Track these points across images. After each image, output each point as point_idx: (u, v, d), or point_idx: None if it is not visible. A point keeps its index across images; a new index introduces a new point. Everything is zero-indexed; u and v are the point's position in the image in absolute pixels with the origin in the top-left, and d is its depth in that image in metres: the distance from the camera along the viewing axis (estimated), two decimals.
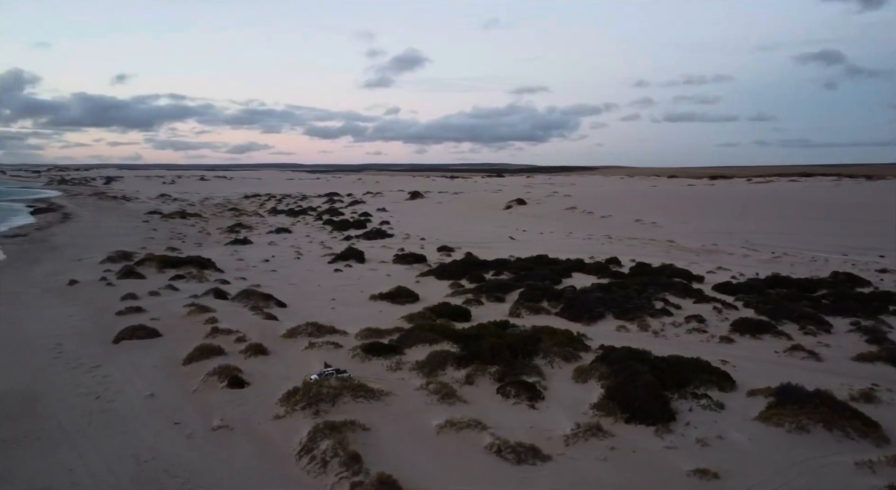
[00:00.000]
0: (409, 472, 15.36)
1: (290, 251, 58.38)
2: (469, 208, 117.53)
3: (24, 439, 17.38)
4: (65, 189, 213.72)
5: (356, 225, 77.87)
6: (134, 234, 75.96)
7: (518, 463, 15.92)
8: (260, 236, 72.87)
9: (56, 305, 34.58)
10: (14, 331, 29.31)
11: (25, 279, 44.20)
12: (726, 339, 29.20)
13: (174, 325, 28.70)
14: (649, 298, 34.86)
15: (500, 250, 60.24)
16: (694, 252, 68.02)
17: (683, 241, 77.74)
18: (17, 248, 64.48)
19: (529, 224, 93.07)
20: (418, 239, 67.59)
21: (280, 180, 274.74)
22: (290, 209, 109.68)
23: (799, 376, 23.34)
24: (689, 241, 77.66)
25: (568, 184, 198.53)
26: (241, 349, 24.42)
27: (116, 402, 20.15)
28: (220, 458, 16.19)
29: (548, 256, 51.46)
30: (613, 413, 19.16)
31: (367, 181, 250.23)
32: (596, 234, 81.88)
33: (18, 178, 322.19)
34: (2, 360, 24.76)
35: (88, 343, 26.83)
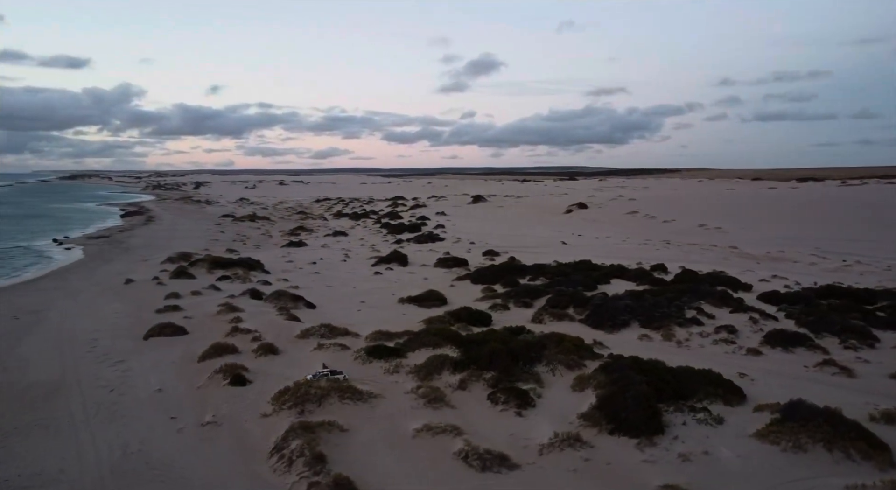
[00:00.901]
0: (372, 474, 15.64)
1: (340, 254, 59.89)
2: (529, 212, 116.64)
3: (34, 427, 18.82)
4: (158, 194, 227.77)
5: (410, 228, 78.91)
6: (203, 237, 79.89)
7: (482, 470, 15.89)
8: (316, 239, 75.10)
9: (107, 302, 37.02)
10: (64, 325, 31.65)
11: (90, 278, 47.49)
12: (754, 351, 27.88)
13: (202, 324, 30.17)
14: (681, 307, 33.69)
15: (548, 255, 59.58)
16: (755, 259, 64.96)
17: (747, 247, 74.37)
18: (96, 249, 69.27)
19: (587, 228, 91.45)
20: (468, 243, 67.78)
21: (354, 184, 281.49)
22: (353, 212, 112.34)
23: (822, 392, 22.20)
24: (754, 247, 74.22)
25: (641, 187, 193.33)
26: (254, 348, 25.41)
27: (127, 396, 21.45)
28: (200, 453, 16.99)
29: (591, 262, 50.49)
30: (599, 424, 18.78)
31: (436, 185, 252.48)
32: (654, 239, 79.57)
33: (122, 184, 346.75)
34: (45, 352, 26.84)
35: (122, 339, 28.62)
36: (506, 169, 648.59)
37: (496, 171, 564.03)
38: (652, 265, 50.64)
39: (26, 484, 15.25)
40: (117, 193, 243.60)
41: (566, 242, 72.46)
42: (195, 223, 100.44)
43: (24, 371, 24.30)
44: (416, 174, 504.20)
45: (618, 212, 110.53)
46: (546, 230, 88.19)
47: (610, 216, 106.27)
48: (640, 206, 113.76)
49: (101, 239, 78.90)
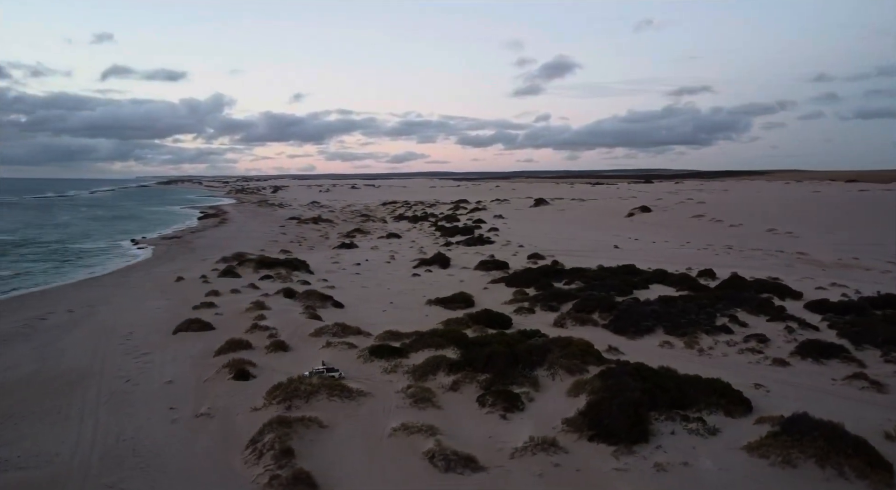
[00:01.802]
0: (336, 470, 15.99)
1: (386, 255, 60.88)
2: (589, 215, 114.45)
3: (49, 412, 20.28)
4: (238, 197, 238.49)
5: (463, 231, 79.16)
6: (265, 238, 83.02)
7: (445, 471, 15.93)
8: (370, 241, 76.59)
9: (154, 298, 39.21)
10: (109, 319, 33.79)
11: (148, 275, 50.38)
12: (780, 361, 26.48)
13: (229, 320, 31.50)
14: (713, 314, 32.40)
15: (595, 259, 58.36)
16: (822, 266, 61.26)
17: (818, 253, 70.17)
18: (165, 249, 73.35)
19: (646, 232, 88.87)
20: (516, 246, 67.34)
21: (423, 188, 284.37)
22: (413, 215, 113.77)
23: (842, 407, 21.00)
24: (825, 253, 69.92)
25: (719, 190, 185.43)
26: (267, 345, 26.35)
27: (140, 386, 22.75)
28: (186, 443, 17.84)
29: (634, 266, 49.14)
30: (581, 429, 18.41)
31: (504, 188, 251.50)
32: (716, 245, 76.39)
33: (211, 188, 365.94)
34: (83, 344, 28.79)
35: (155, 333, 30.29)
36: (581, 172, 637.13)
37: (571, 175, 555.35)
38: (700, 271, 48.75)
39: (22, 464, 16.50)
40: (203, 197, 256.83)
41: (619, 246, 70.75)
42: (262, 225, 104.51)
43: (58, 361, 26.18)
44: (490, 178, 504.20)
45: (683, 215, 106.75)
46: (602, 234, 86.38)
47: (674, 220, 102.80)
48: (707, 210, 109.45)
49: (173, 239, 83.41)
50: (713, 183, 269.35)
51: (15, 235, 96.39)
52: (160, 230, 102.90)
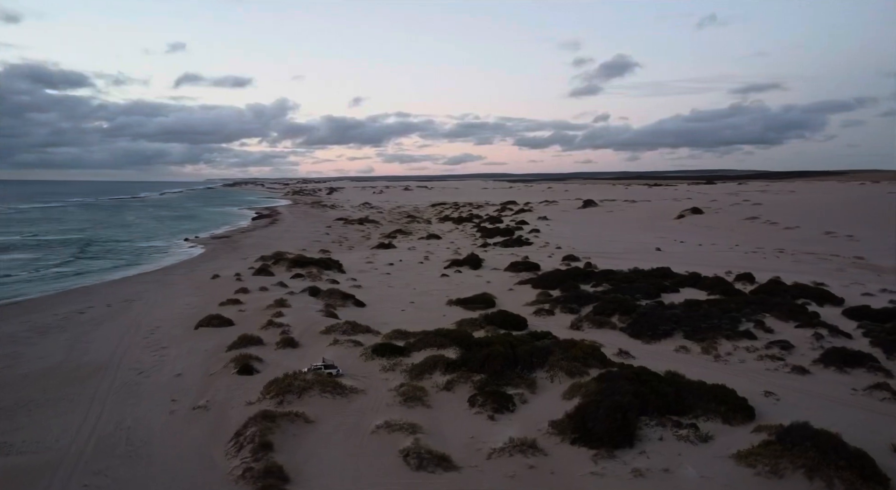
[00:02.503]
0: (311, 464, 16.27)
1: (421, 256, 61.26)
2: (638, 217, 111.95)
3: (61, 401, 21.38)
4: (294, 198, 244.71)
5: (503, 233, 78.81)
6: (309, 238, 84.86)
7: (417, 469, 15.99)
8: (409, 241, 77.22)
9: (188, 295, 40.71)
10: (140, 314, 35.32)
11: (190, 273, 52.31)
12: (800, 369, 25.32)
13: (249, 317, 32.41)
14: (738, 319, 31.27)
15: (632, 261, 57.11)
16: (879, 271, 58.11)
17: (877, 258, 66.56)
18: (213, 248, 75.98)
19: (695, 234, 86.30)
20: (553, 248, 66.59)
21: (475, 190, 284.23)
22: (459, 216, 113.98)
23: (855, 417, 20.06)
24: (885, 258, 66.22)
25: (784, 191, 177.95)
26: (277, 341, 27.01)
27: (151, 378, 23.71)
28: (177, 433, 18.50)
29: (669, 269, 47.88)
30: (565, 432, 18.13)
31: (556, 190, 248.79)
32: (766, 248, 73.52)
33: (271, 190, 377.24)
34: (110, 337, 30.20)
35: (178, 327, 31.47)
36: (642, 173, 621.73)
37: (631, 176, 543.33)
38: (738, 274, 47.08)
39: (23, 449, 17.47)
40: (262, 198, 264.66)
41: (661, 249, 69.00)
42: (310, 225, 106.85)
43: (84, 353, 27.55)
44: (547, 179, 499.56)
45: (736, 217, 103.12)
46: (647, 236, 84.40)
47: (726, 222, 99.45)
48: (763, 212, 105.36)
49: (222, 239, 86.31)
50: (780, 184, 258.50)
51: (82, 234, 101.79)
52: (214, 230, 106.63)
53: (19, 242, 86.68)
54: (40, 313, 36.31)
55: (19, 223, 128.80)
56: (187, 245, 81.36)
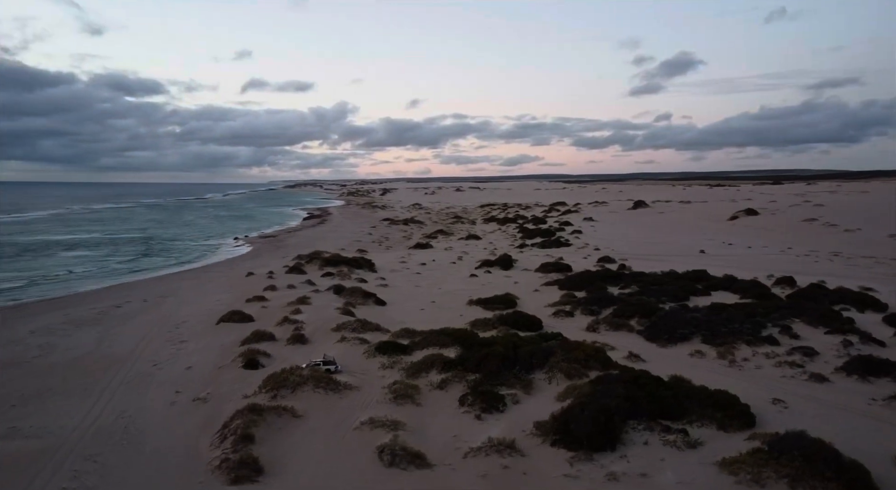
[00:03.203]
0: (289, 457, 16.63)
1: (455, 256, 61.36)
2: (689, 218, 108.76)
3: (76, 390, 22.49)
4: (348, 199, 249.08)
5: (544, 234, 78.01)
6: (351, 237, 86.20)
7: (389, 466, 16.11)
8: (449, 241, 77.47)
9: (220, 292, 42.08)
10: (171, 309, 36.74)
11: (228, 271, 54.03)
12: (819, 377, 24.14)
13: (270, 313, 33.27)
14: (762, 324, 30.11)
15: (673, 263, 55.62)
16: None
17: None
18: (258, 247, 78.22)
19: (745, 237, 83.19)
20: (592, 249, 65.51)
21: (528, 190, 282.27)
22: (504, 217, 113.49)
23: (864, 428, 19.13)
24: None
25: (856, 192, 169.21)
26: (288, 337, 27.65)
27: (163, 370, 24.68)
28: (173, 424, 19.20)
29: (706, 272, 46.45)
30: (547, 434, 17.91)
31: (610, 190, 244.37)
32: (821, 251, 70.17)
33: (329, 191, 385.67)
34: (137, 331, 31.54)
35: (202, 323, 32.58)
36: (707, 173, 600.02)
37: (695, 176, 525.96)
38: (778, 278, 45.23)
39: (29, 434, 18.49)
40: (318, 200, 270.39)
41: (705, 251, 66.91)
42: (355, 226, 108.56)
43: (110, 345, 28.91)
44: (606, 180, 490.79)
45: (793, 219, 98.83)
46: (695, 237, 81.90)
47: (782, 224, 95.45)
48: (824, 213, 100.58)
49: (269, 238, 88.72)
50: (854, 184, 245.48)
51: (143, 233, 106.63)
52: (264, 229, 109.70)
53: (85, 241, 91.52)
54: (81, 307, 38.25)
55: (91, 222, 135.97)
56: (235, 244, 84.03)
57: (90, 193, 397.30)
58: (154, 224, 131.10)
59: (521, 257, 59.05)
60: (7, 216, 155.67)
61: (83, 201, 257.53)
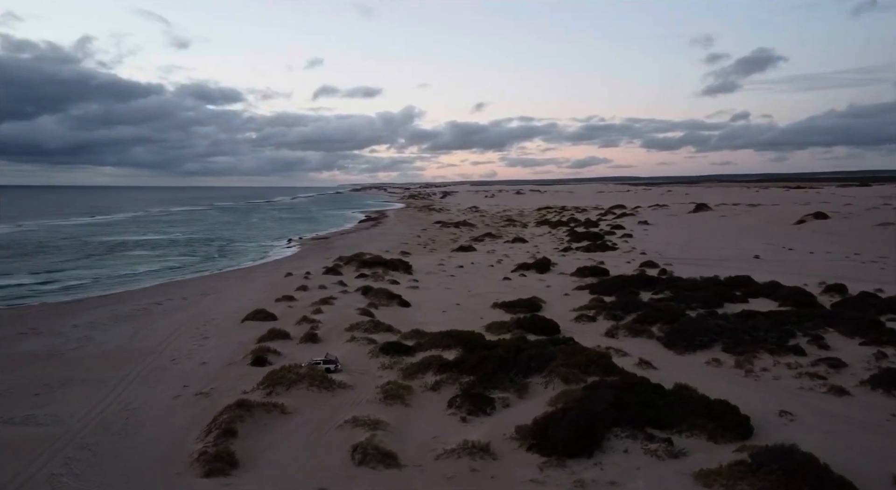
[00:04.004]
0: (266, 453, 17.12)
1: (495, 259, 61.15)
2: (752, 222, 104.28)
3: (95, 381, 23.80)
4: (408, 202, 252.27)
5: (592, 237, 76.61)
6: (398, 240, 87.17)
7: (359, 464, 16.34)
8: (494, 244, 77.23)
9: (257, 291, 43.54)
10: (207, 308, 38.29)
11: (273, 271, 55.78)
12: (839, 390, 22.82)
13: (294, 312, 34.19)
14: (791, 332, 28.73)
15: (722, 269, 53.53)
16: None
17: None
18: (308, 248, 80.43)
19: (810, 241, 79.08)
20: (638, 254, 63.85)
21: (590, 193, 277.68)
22: (557, 220, 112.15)
23: (873, 444, 18.13)
24: None
25: None
26: (302, 336, 28.37)
27: (179, 365, 25.81)
28: (170, 417, 20.05)
29: (749, 278, 44.62)
30: (525, 438, 17.73)
31: (675, 193, 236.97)
32: (891, 258, 65.90)
33: (392, 194, 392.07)
34: (169, 326, 33.08)
35: (230, 320, 33.82)
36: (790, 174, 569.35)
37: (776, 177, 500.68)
38: (828, 286, 42.96)
39: (39, 422, 19.74)
40: (379, 202, 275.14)
41: (760, 257, 64.10)
42: (407, 228, 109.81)
43: (140, 340, 30.44)
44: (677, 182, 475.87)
45: (866, 223, 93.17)
46: (754, 242, 78.52)
47: (852, 228, 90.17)
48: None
49: (320, 240, 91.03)
50: None
51: (208, 234, 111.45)
52: (319, 231, 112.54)
53: (153, 241, 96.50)
54: (127, 304, 40.39)
55: (164, 224, 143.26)
56: (288, 245, 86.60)
57: (171, 197, 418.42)
58: (221, 226, 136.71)
59: (563, 261, 58.29)
60: (92, 218, 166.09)
61: (163, 204, 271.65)
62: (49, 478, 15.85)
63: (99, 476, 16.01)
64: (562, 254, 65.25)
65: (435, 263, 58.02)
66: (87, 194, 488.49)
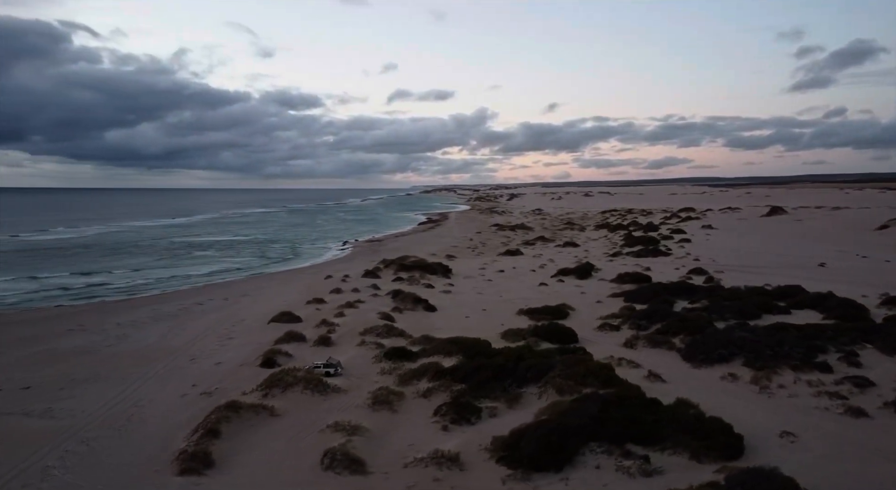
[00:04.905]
0: (244, 454, 17.68)
1: (538, 264, 60.44)
2: (829, 227, 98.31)
3: (116, 378, 25.22)
4: (474, 204, 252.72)
5: (647, 242, 74.36)
6: (449, 243, 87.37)
7: (325, 470, 16.66)
8: (544, 248, 76.28)
9: (292, 293, 44.84)
10: (242, 308, 39.81)
11: (317, 272, 57.31)
12: (858, 411, 21.37)
13: (318, 315, 35.03)
14: (821, 348, 27.13)
15: (780, 277, 50.69)
16: None
17: None
18: (358, 251, 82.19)
19: (888, 249, 73.88)
20: (691, 260, 61.48)
21: (662, 196, 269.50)
22: (617, 224, 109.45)
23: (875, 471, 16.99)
24: None
25: None
26: (316, 338, 29.09)
27: (196, 365, 26.99)
28: (171, 415, 20.94)
29: (800, 287, 42.38)
30: (498, 450, 17.58)
31: (754, 195, 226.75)
32: None
33: (460, 196, 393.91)
34: (201, 326, 34.54)
35: (258, 322, 35.01)
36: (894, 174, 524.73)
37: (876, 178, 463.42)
38: (888, 298, 40.16)
39: (56, 415, 21.10)
40: (445, 204, 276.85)
41: (825, 264, 60.45)
42: (462, 230, 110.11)
43: (170, 339, 32.00)
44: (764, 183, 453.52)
45: None
46: (823, 248, 74.06)
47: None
48: None
49: (374, 242, 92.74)
50: None
51: (271, 236, 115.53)
52: (375, 233, 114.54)
53: (220, 242, 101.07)
54: (171, 303, 42.51)
55: (235, 225, 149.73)
56: (341, 247, 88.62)
57: (249, 199, 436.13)
58: (287, 228, 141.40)
59: (608, 266, 57.00)
60: (173, 219, 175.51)
61: (240, 206, 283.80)
62: (43, 469, 16.97)
63: (87, 470, 17.00)
64: (610, 259, 63.77)
65: (477, 267, 57.99)
66: (176, 196, 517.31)
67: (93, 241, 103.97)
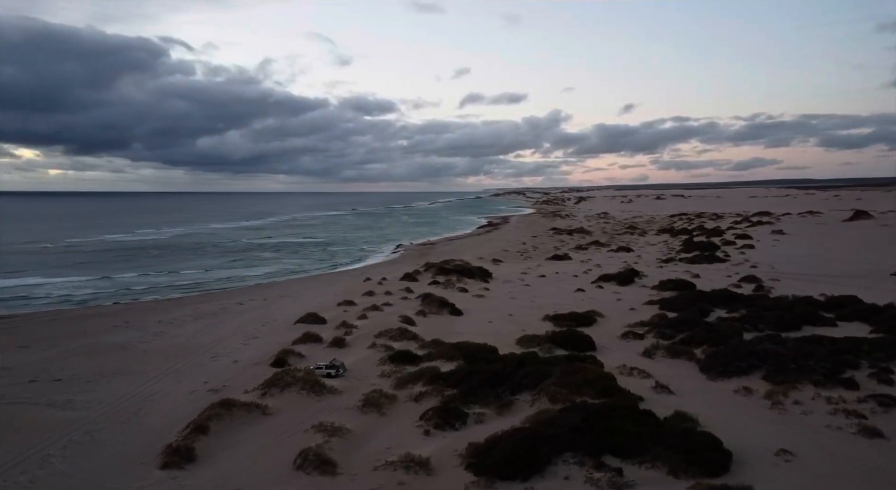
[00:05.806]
0: (228, 451, 18.32)
1: (583, 269, 59.28)
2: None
3: (140, 373, 26.63)
4: (539, 207, 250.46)
5: (705, 247, 71.39)
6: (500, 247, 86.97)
7: (297, 469, 17.04)
8: (596, 253, 74.72)
9: (327, 295, 45.90)
10: (276, 309, 41.11)
11: (360, 275, 58.44)
12: (873, 432, 19.97)
13: (343, 317, 35.77)
14: (850, 363, 25.49)
15: (837, 288, 47.81)
16: None
17: None
18: (408, 254, 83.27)
19: None
20: (748, 267, 58.61)
21: (740, 198, 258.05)
22: (681, 228, 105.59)
23: None
24: None
25: None
26: (331, 340, 29.77)
27: (216, 362, 28.16)
28: (175, 411, 21.89)
29: (856, 298, 39.95)
30: (470, 456, 17.50)
31: (844, 198, 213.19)
32: None
33: (529, 199, 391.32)
34: (232, 326, 35.97)
35: (286, 322, 36.04)
36: None
37: None
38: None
39: (75, 406, 22.45)
40: (511, 208, 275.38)
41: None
42: (519, 235, 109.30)
43: (201, 337, 33.46)
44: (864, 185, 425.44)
45: None
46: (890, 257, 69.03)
47: None
48: None
49: (426, 245, 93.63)
50: None
51: (332, 238, 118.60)
52: (431, 237, 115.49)
53: (282, 244, 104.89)
54: (214, 303, 44.44)
55: (302, 227, 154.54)
56: (394, 250, 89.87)
57: (322, 202, 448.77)
58: (349, 230, 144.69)
59: (656, 272, 55.32)
60: (247, 221, 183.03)
61: (311, 209, 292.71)
62: (43, 457, 18.18)
63: (83, 460, 18.09)
64: (661, 265, 61.83)
65: (519, 272, 57.54)
66: (257, 200, 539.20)
67: (171, 242, 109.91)
